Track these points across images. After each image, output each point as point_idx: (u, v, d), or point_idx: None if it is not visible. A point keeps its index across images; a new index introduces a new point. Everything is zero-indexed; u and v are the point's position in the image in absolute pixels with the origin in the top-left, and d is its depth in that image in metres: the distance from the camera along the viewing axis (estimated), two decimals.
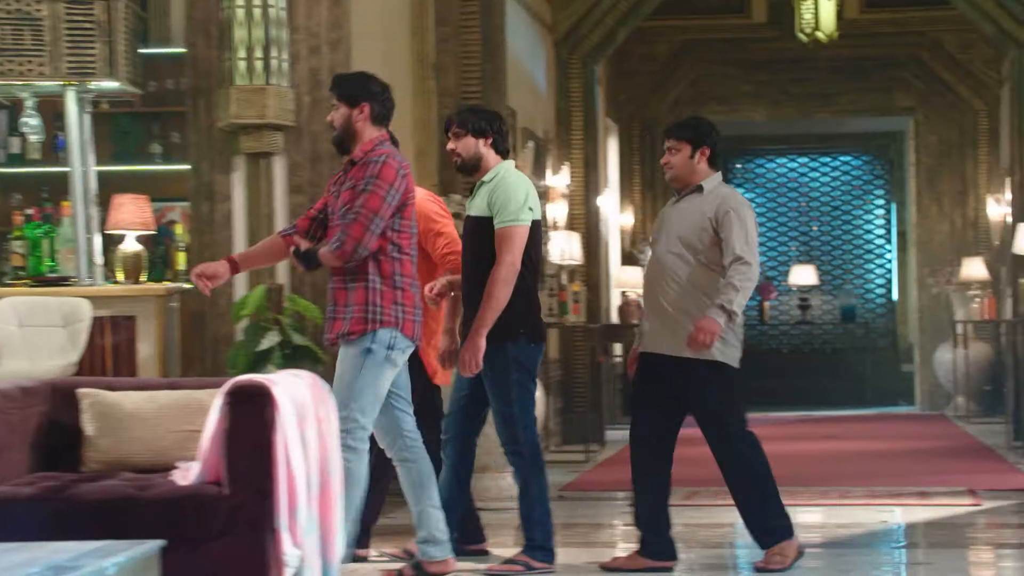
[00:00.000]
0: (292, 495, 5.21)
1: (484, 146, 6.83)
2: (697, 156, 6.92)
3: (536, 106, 13.91)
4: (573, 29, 14.74)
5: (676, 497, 9.95)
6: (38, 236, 8.35)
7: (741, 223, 6.75)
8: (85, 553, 4.47)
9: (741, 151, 21.63)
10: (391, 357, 6.32)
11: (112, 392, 5.78)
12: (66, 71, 7.94)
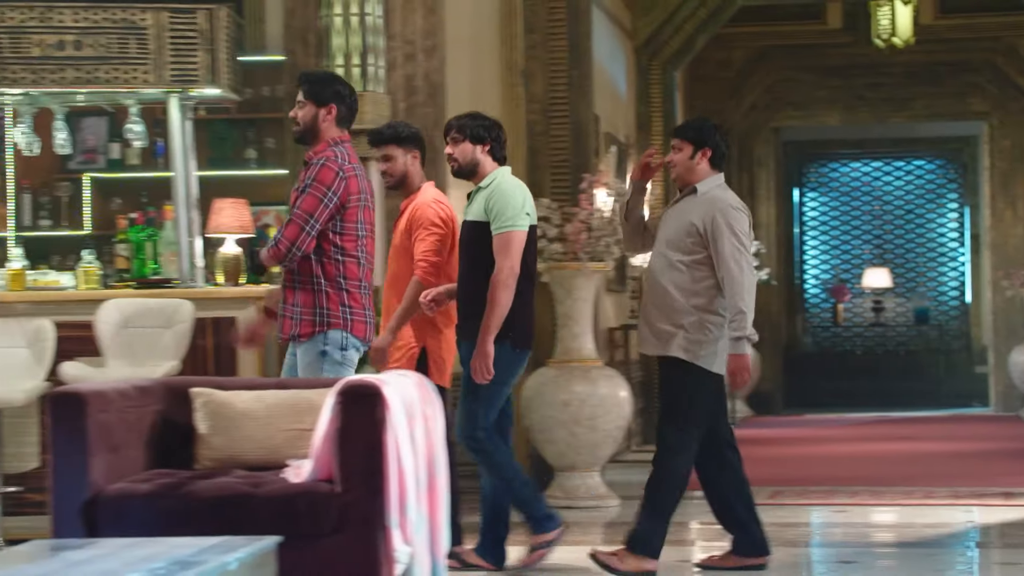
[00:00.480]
0: (402, 492, 5.22)
1: (481, 152, 6.86)
2: (698, 157, 6.83)
3: (617, 111, 13.89)
4: (653, 36, 14.71)
5: (760, 496, 9.93)
6: (141, 239, 8.41)
7: (730, 229, 6.66)
8: (206, 548, 4.50)
9: (815, 156, 21.52)
10: (346, 357, 6.37)
11: (224, 391, 5.80)
12: (169, 79, 7.99)
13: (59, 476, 5.29)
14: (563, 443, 9.64)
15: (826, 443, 14.63)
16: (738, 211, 6.75)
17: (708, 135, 6.88)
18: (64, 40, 7.95)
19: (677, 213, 6.89)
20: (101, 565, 4.26)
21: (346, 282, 6.32)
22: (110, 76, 7.99)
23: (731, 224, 6.66)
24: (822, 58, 18.42)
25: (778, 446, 14.42)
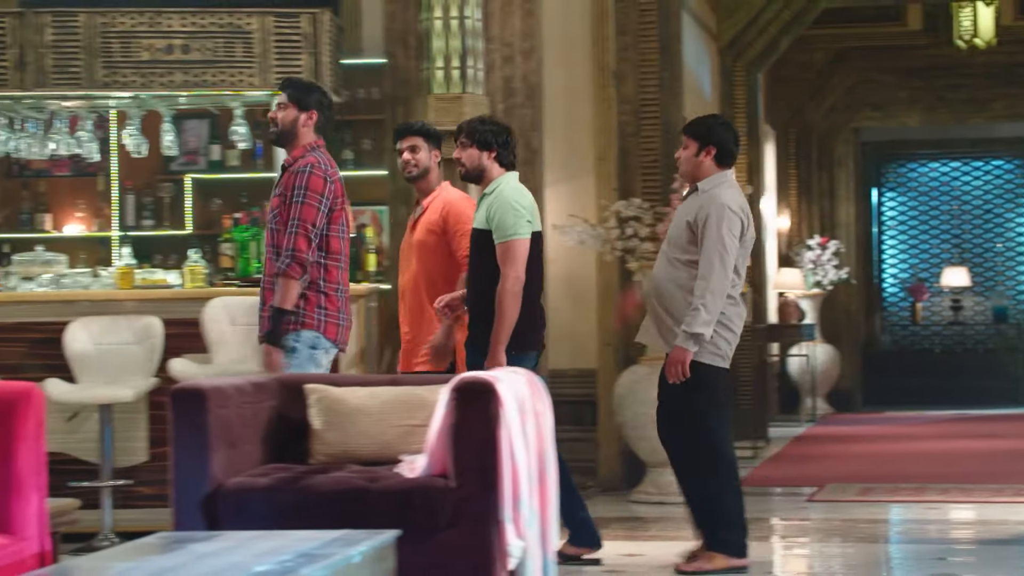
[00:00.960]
0: (516, 488, 5.21)
1: (488, 159, 6.76)
2: (702, 155, 6.74)
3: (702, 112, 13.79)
4: (737, 37, 14.62)
5: (849, 493, 9.86)
6: (246, 238, 8.44)
7: (717, 227, 6.61)
8: (329, 542, 4.50)
9: (894, 156, 21.36)
10: (315, 357, 6.39)
11: (337, 388, 5.81)
12: (274, 81, 8.02)
13: (181, 470, 5.31)
14: (655, 440, 9.54)
15: (907, 440, 14.50)
16: (731, 211, 6.65)
17: (713, 133, 6.77)
18: (172, 44, 8.01)
19: (681, 212, 6.88)
20: (229, 558, 4.28)
21: (325, 285, 6.39)
22: (216, 79, 8.04)
23: (719, 223, 6.60)
24: (902, 59, 18.26)
25: (860, 443, 14.31)
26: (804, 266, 17.88)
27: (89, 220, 10.92)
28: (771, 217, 17.45)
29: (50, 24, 7.95)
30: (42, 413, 4.96)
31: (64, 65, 7.98)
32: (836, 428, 16.14)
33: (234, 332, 7.76)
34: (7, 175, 10.90)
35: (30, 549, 4.82)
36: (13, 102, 8.23)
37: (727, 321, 6.75)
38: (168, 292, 8.17)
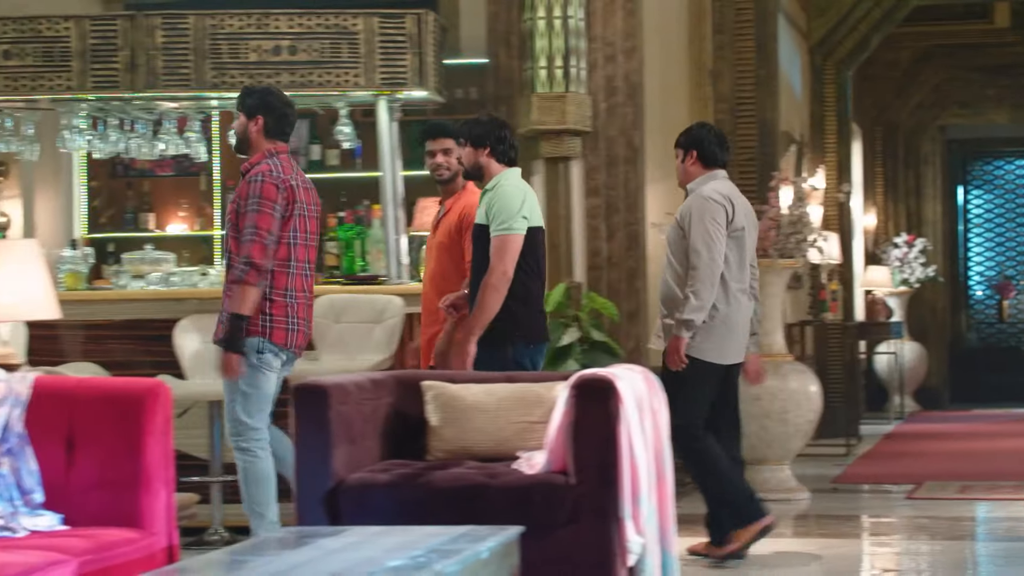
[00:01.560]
0: (635, 484, 5.17)
1: (484, 156, 6.65)
2: (688, 160, 6.94)
3: (793, 110, 13.72)
4: (828, 36, 14.51)
5: (948, 491, 9.75)
6: (351, 237, 8.46)
7: (700, 217, 6.75)
8: (456, 537, 4.48)
9: (981, 154, 21.12)
10: (263, 360, 6.36)
11: (453, 384, 5.80)
12: (379, 81, 8.03)
13: (303, 466, 5.32)
14: (754, 436, 9.52)
15: (1000, 438, 14.32)
16: (712, 202, 6.79)
17: (691, 136, 6.98)
18: (280, 45, 8.02)
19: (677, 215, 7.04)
20: (360, 553, 4.27)
21: (271, 292, 6.34)
22: (323, 79, 8.05)
23: (701, 214, 6.75)
24: (989, 57, 18.05)
25: (952, 441, 14.16)
26: (891, 264, 17.72)
27: (192, 219, 10.99)
28: (857, 215, 17.30)
29: (160, 26, 8.00)
30: (169, 409, 4.98)
31: (174, 67, 8.02)
32: (925, 426, 15.97)
33: (341, 329, 7.77)
34: (112, 175, 10.99)
35: (159, 543, 4.84)
36: (124, 103, 8.28)
37: (724, 318, 6.81)
38: None
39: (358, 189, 10.80)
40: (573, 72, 8.09)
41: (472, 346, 6.44)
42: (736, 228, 6.84)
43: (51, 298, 5.79)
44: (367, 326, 7.77)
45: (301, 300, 6.43)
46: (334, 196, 10.80)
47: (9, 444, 4.86)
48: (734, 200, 6.87)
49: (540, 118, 8.07)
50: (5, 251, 5.68)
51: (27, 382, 5.01)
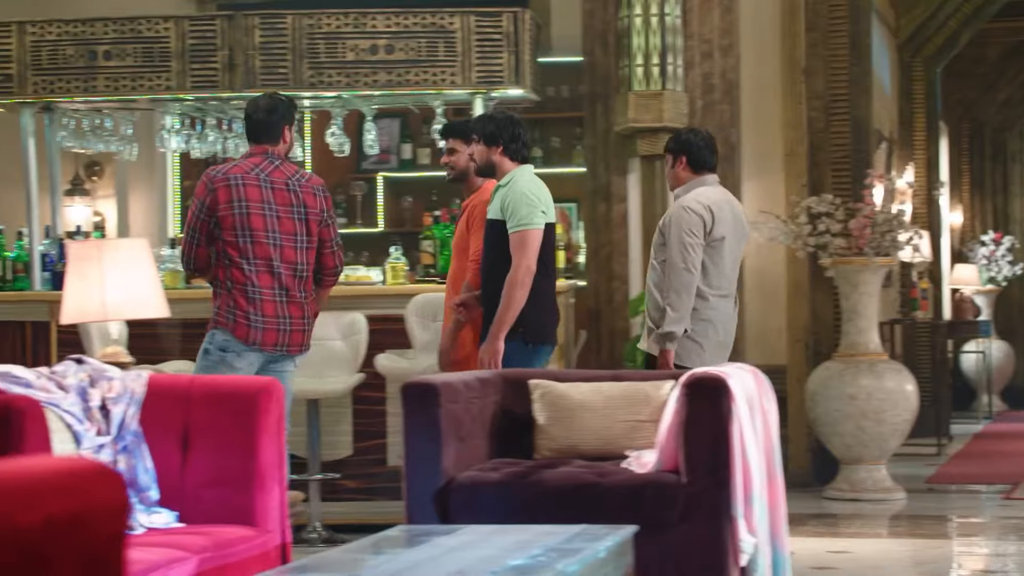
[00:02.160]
0: (747, 483, 5.13)
1: (497, 154, 6.61)
2: (677, 165, 6.95)
3: (883, 107, 13.59)
4: (916, 32, 14.37)
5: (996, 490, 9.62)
6: (446, 236, 8.44)
7: (677, 228, 6.78)
8: (572, 536, 4.47)
9: None
10: (225, 359, 6.31)
11: (561, 383, 5.78)
12: (476, 80, 8.02)
13: (413, 464, 5.32)
14: (849, 436, 9.45)
15: None
16: (690, 212, 6.78)
17: (679, 141, 6.98)
18: (377, 44, 8.03)
19: None
20: (478, 551, 4.26)
21: (233, 285, 6.32)
22: (419, 78, 8.05)
23: (679, 223, 6.77)
24: None
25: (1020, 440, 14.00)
26: (978, 262, 17.53)
27: None
28: (945, 212, 17.12)
29: (258, 26, 8.03)
30: (283, 407, 4.99)
31: (271, 66, 8.05)
32: (1016, 425, 15.78)
33: (436, 328, 7.76)
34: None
35: (273, 541, 4.85)
36: (222, 103, 8.32)
37: (699, 321, 6.79)
38: (372, 288, 8.21)
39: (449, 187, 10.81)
40: (670, 70, 8.04)
41: (500, 343, 6.42)
42: (715, 237, 6.83)
43: (159, 296, 5.83)
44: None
45: (267, 298, 6.40)
46: (425, 195, 10.83)
47: (125, 442, 4.89)
48: (715, 209, 6.85)
49: (636, 116, 8.03)
50: (113, 250, 5.71)
51: (142, 380, 5.04)
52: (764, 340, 10.02)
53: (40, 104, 8.31)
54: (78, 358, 5.09)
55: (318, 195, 6.49)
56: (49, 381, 4.86)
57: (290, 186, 6.46)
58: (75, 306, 5.61)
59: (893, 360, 10.00)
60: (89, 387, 4.91)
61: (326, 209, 6.51)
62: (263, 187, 6.42)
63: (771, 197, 9.89)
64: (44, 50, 8.14)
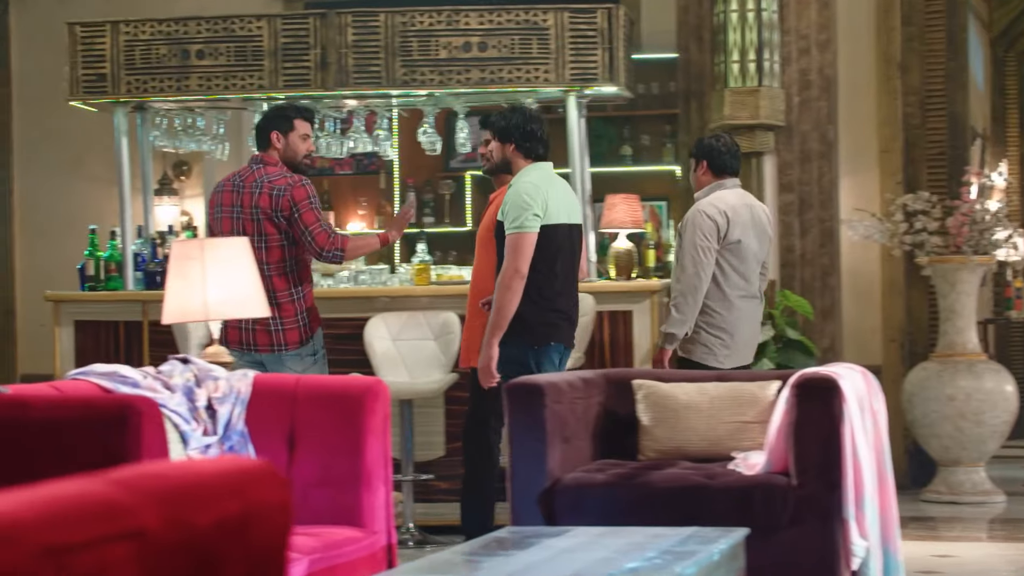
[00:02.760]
0: (858, 486, 5.08)
1: (511, 151, 6.58)
2: (699, 170, 7.10)
3: (976, 103, 13.44)
4: (1010, 27, 14.20)
5: None
6: None
7: (691, 232, 6.92)
8: (685, 539, 4.44)
9: None
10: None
11: (665, 383, 5.75)
12: (569, 77, 7.99)
13: (519, 465, 5.31)
14: (948, 438, 9.34)
15: None
16: (705, 217, 6.92)
17: (701, 147, 7.15)
18: (470, 42, 8.02)
19: None
20: (592, 554, 4.24)
21: None
22: (512, 76, 8.02)
23: (693, 228, 6.91)
24: None
25: None
26: None
27: (371, 218, 11.06)
28: None
29: (351, 24, 8.04)
30: (388, 407, 4.99)
31: (364, 64, 8.06)
32: None
33: None
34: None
35: (380, 542, 4.86)
36: (313, 102, 8.35)
37: (722, 322, 6.96)
38: (462, 288, 8.19)
39: None
40: (766, 66, 7.99)
41: (494, 350, 6.38)
42: (731, 240, 6.94)
43: (260, 295, 5.84)
44: None
45: None
46: None
47: (231, 442, 4.91)
48: (731, 213, 6.96)
49: (732, 113, 7.98)
50: (214, 249, 5.73)
51: (248, 380, 5.06)
52: (858, 340, 9.92)
53: (133, 103, 8.36)
54: (183, 358, 5.12)
55: (275, 194, 6.82)
56: (155, 381, 4.89)
57: (253, 188, 6.85)
58: (176, 306, 5.63)
59: (991, 360, 9.87)
60: (195, 387, 4.94)
61: (281, 209, 6.80)
62: (234, 192, 6.88)
63: (866, 195, 9.80)
64: (137, 50, 8.20)
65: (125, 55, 8.20)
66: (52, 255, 10.84)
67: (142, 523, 1.48)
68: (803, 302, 7.94)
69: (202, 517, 1.59)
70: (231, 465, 1.75)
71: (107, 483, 1.51)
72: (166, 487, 1.57)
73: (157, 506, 1.52)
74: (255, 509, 1.72)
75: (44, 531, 1.32)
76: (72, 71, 8.29)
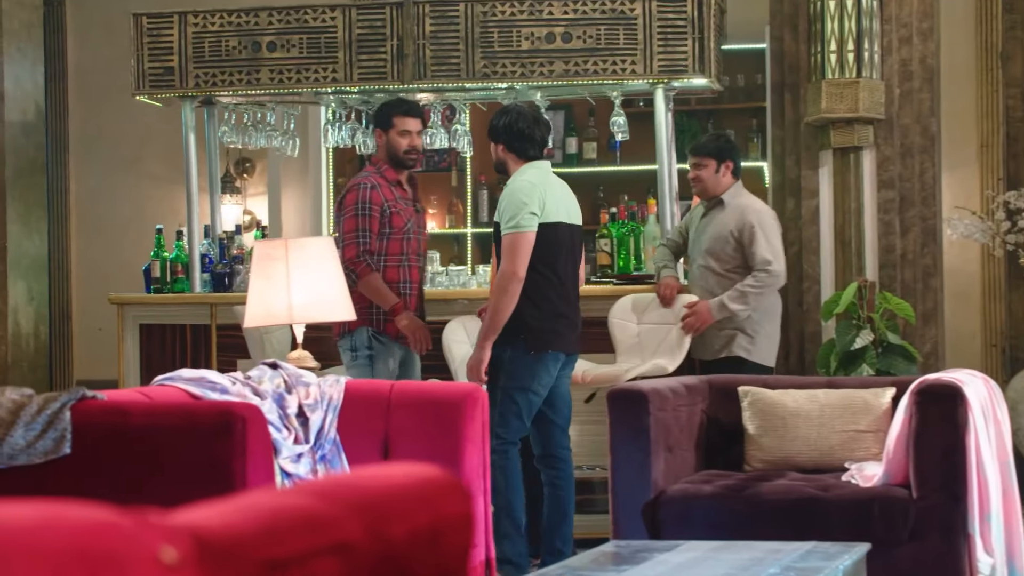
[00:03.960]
0: (983, 499, 5.02)
1: (502, 152, 6.64)
2: (722, 170, 7.44)
3: None
4: None
5: None
6: (623, 234, 8.39)
7: (764, 234, 7.26)
8: (805, 554, 4.40)
9: None
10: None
11: (771, 390, 5.70)
12: (657, 69, 7.94)
13: (621, 475, 5.28)
14: None
15: None
16: (772, 218, 7.43)
17: (726, 149, 7.51)
18: (553, 32, 7.99)
19: (711, 225, 7.44)
20: (710, 569, 4.21)
21: None
22: (598, 68, 7.98)
23: (766, 229, 7.30)
24: None
25: None
26: None
27: (441, 216, 11.05)
28: None
29: (429, 14, 8.02)
30: (487, 413, 4.98)
31: (443, 57, 8.03)
32: None
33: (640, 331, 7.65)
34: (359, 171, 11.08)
35: (478, 556, 4.84)
36: (389, 96, 8.34)
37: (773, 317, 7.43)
38: None
39: (618, 184, 10.77)
40: (866, 56, 7.91)
41: (486, 353, 6.40)
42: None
43: (346, 297, 5.83)
44: (665, 328, 7.62)
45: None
46: (591, 191, 10.78)
47: (324, 451, 4.90)
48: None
49: (830, 106, 7.90)
50: (300, 248, 5.72)
51: (340, 386, 5.05)
52: (957, 345, 9.83)
53: (201, 98, 8.37)
54: (273, 362, 5.11)
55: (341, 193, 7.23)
56: (245, 387, 4.89)
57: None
58: (261, 308, 5.63)
59: None
60: (286, 393, 4.94)
61: (336, 208, 7.21)
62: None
63: (965, 191, 9.71)
64: (206, 41, 8.21)
65: (193, 47, 8.22)
66: (110, 256, 10.88)
67: (347, 535, 1.46)
68: (904, 304, 7.85)
69: (397, 528, 1.58)
70: (417, 475, 1.74)
71: (305, 493, 1.50)
72: (363, 497, 1.56)
73: (358, 517, 1.50)
74: (443, 521, 1.71)
75: (262, 545, 1.30)
76: (138, 64, 8.31)
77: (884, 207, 8.15)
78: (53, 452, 3.79)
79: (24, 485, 3.80)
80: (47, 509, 1.23)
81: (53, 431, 3.76)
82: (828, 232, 8.25)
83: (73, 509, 1.24)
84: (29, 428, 3.76)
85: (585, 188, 10.83)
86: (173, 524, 1.24)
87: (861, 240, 8.21)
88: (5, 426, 3.75)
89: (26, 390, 3.94)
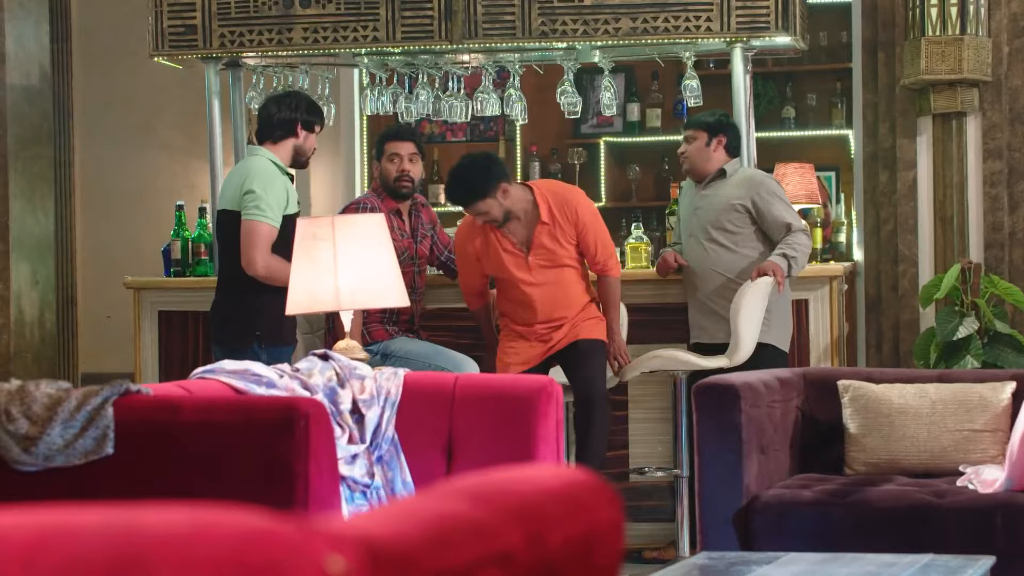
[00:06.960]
0: None
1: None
2: (713, 144, 7.55)
3: None
4: None
5: None
6: None
7: (780, 197, 7.46)
8: (924, 567, 4.40)
9: None
10: None
11: (875, 385, 5.69)
12: (736, 26, 7.90)
13: (710, 479, 5.27)
14: None
15: None
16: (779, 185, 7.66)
17: (721, 124, 7.62)
18: None
19: (711, 199, 7.50)
20: None
21: None
22: (669, 25, 7.95)
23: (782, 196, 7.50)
24: None
25: None
26: None
27: None
28: None
29: None
30: (561, 410, 4.98)
31: (496, 14, 8.00)
32: None
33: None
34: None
35: None
36: (434, 57, 8.33)
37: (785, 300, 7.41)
38: None
39: None
40: (971, 11, 7.87)
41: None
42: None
43: (398, 283, 5.83)
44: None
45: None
46: (655, 163, 10.77)
47: (381, 451, 4.91)
48: None
49: (930, 66, 7.87)
50: (346, 227, 5.72)
51: (398, 379, 5.06)
52: None
53: (226, 59, 8.37)
54: (323, 353, 5.12)
55: None
56: (293, 380, 4.90)
57: None
58: (305, 293, 5.63)
59: None
60: (338, 388, 4.94)
61: None
62: None
63: None
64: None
65: (219, 3, 8.22)
66: (118, 236, 10.88)
67: (509, 544, 1.46)
68: (1014, 289, 7.82)
69: (554, 536, 1.58)
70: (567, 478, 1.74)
71: (465, 499, 1.50)
72: (522, 504, 1.56)
73: (519, 525, 1.50)
74: (596, 528, 1.71)
75: (432, 555, 1.30)
76: (156, 22, 8.31)
77: (990, 180, 8.12)
78: (94, 452, 3.81)
79: (60, 489, 3.81)
80: (198, 515, 1.24)
81: (94, 429, 3.77)
82: (927, 208, 8.22)
83: (226, 515, 1.24)
84: (68, 426, 3.77)
85: (649, 159, 10.83)
86: (340, 532, 1.24)
87: (964, 217, 8.18)
88: (41, 423, 3.76)
89: (62, 383, 3.95)
